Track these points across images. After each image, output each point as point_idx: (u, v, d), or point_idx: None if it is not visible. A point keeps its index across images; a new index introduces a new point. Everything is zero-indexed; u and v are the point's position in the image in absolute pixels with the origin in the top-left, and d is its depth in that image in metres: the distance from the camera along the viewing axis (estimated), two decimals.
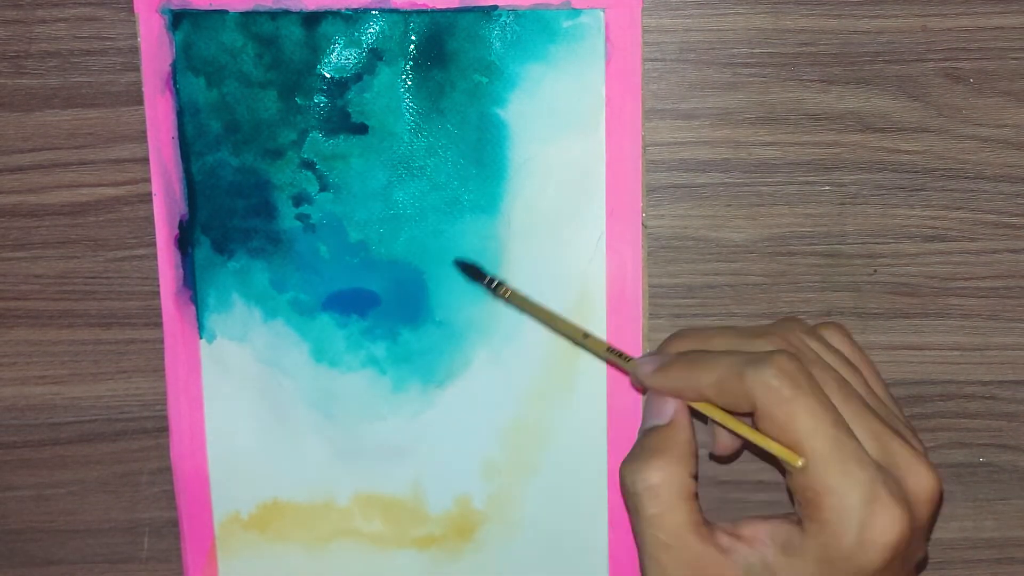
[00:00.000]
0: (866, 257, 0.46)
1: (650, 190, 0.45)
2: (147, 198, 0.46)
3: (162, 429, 0.47)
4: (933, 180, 0.46)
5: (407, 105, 0.44)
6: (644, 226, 0.45)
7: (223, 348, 0.46)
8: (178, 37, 0.44)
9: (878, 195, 0.46)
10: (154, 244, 0.46)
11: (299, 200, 0.45)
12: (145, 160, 0.45)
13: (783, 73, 0.45)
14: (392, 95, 0.44)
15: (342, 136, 0.45)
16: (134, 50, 0.45)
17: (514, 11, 0.44)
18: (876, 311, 0.46)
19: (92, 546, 0.49)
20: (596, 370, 0.46)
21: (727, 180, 0.46)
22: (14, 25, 0.45)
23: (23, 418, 0.48)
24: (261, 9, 0.44)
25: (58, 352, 0.47)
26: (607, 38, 0.44)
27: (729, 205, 0.46)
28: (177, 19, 0.44)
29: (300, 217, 0.45)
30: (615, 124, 0.44)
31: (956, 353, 0.47)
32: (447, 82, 0.44)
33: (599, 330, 0.45)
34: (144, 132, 0.45)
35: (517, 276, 0.45)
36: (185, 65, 0.45)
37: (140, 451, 0.48)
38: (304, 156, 0.45)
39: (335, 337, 0.46)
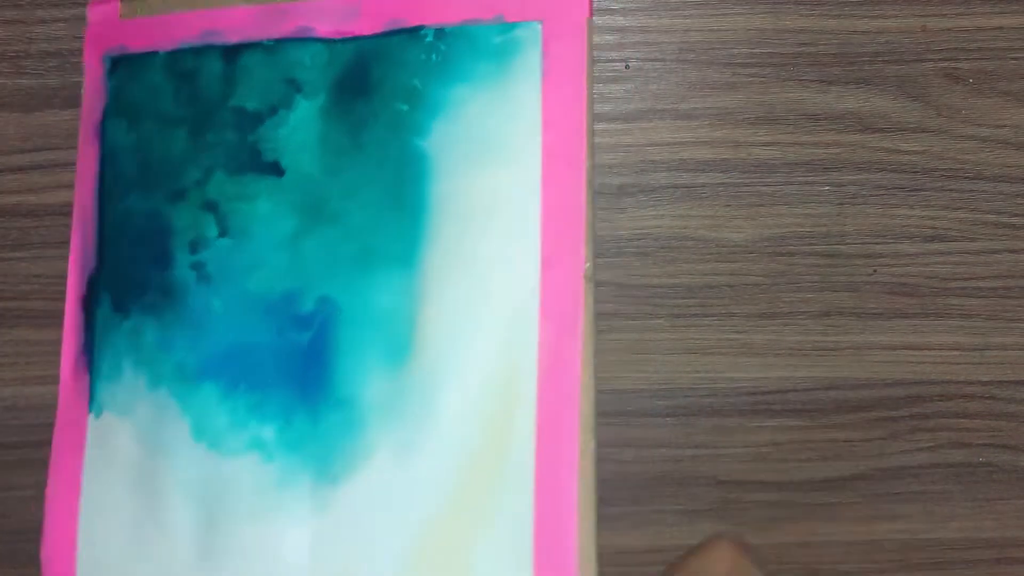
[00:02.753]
0: (865, 257, 0.46)
1: (650, 190, 0.45)
2: None
3: None
4: (932, 180, 0.46)
5: (324, 141, 0.39)
6: (588, 280, 0.36)
7: (107, 424, 0.40)
8: (111, 83, 0.42)
9: (877, 195, 0.46)
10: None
11: (196, 246, 0.40)
12: None
13: (783, 73, 0.45)
14: (308, 131, 0.39)
15: (249, 175, 0.39)
16: None
17: (440, 29, 0.38)
18: (876, 311, 0.46)
19: None
20: (523, 466, 0.36)
21: (726, 180, 0.46)
22: (14, 25, 0.45)
23: (23, 418, 0.48)
24: (186, 46, 0.41)
25: (58, 352, 0.47)
26: (545, 52, 0.37)
27: (728, 205, 0.46)
28: (115, 65, 0.42)
29: (195, 266, 0.40)
30: (553, 152, 0.37)
31: (956, 353, 0.47)
32: (369, 113, 0.39)
33: (527, 413, 0.36)
34: None
35: (433, 338, 0.37)
36: (114, 110, 0.42)
37: None
38: (208, 197, 0.40)
39: (218, 411, 0.39)
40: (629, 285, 0.46)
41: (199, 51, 0.40)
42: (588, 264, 0.36)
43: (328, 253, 0.38)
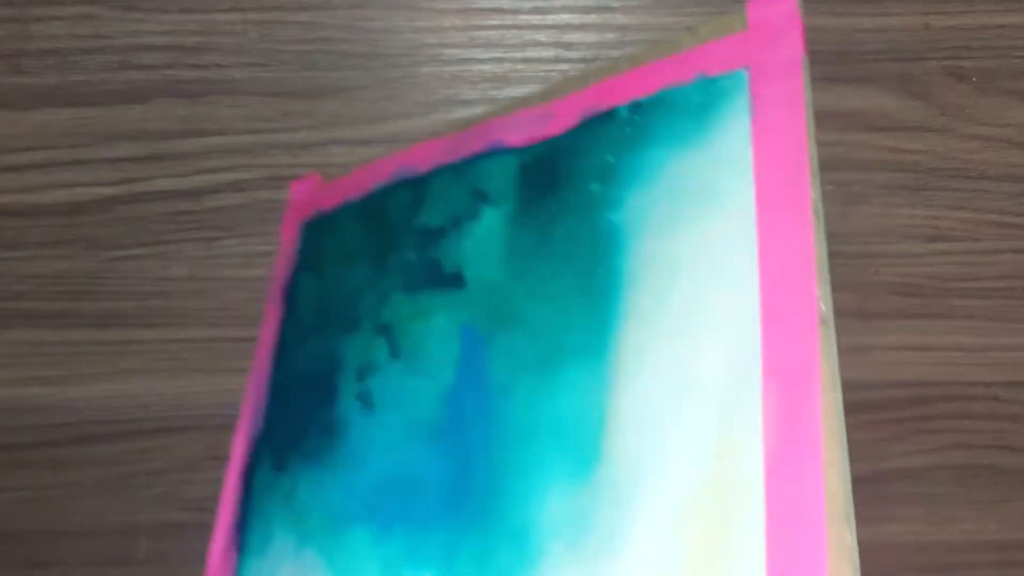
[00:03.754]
0: (868, 257, 0.46)
1: None
2: (143, 197, 0.45)
3: (159, 430, 0.47)
4: (936, 180, 0.45)
5: (511, 245, 0.34)
6: (825, 324, 0.27)
7: None
8: (303, 245, 0.41)
9: (880, 195, 0.45)
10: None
11: (364, 373, 0.36)
12: (142, 159, 0.45)
13: None
14: (493, 238, 0.35)
15: (427, 292, 0.36)
16: (131, 48, 0.44)
17: (635, 103, 0.33)
18: (879, 311, 0.46)
19: (88, 548, 0.48)
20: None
21: None
22: (11, 24, 0.45)
23: (19, 419, 0.47)
24: (378, 189, 0.39)
25: (54, 352, 0.47)
26: (753, 96, 0.31)
27: None
28: (308, 228, 0.41)
29: (361, 395, 0.36)
30: (768, 199, 0.29)
31: (959, 354, 0.47)
32: (559, 207, 0.34)
33: (751, 519, 0.26)
34: (142, 130, 0.45)
35: (625, 440, 0.29)
36: (300, 267, 0.40)
37: (136, 453, 0.48)
38: (381, 320, 0.36)
39: (367, 562, 0.33)
40: None
41: (390, 189, 0.38)
42: (823, 305, 0.27)
43: (506, 362, 0.33)
